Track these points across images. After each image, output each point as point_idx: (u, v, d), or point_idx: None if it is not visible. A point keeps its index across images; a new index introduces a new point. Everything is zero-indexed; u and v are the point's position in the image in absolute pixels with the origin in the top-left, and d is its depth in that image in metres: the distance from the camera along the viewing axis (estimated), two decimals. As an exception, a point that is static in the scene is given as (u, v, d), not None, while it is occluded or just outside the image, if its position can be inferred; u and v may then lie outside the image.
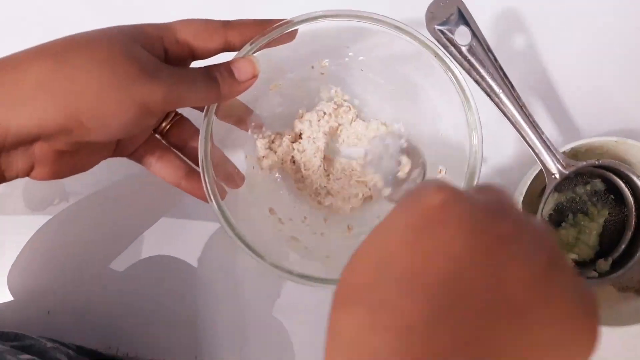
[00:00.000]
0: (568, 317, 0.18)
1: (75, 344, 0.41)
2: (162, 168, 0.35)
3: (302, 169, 0.40)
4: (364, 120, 0.42)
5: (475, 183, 0.34)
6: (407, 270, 0.18)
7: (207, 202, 0.32)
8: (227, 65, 0.32)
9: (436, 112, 0.39)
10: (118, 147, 0.34)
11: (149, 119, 0.29)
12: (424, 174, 0.40)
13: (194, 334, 0.42)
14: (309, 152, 0.40)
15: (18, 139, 0.26)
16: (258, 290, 0.43)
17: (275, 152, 0.40)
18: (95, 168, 0.33)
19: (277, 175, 0.41)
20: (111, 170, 0.43)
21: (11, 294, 0.43)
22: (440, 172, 0.38)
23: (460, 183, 0.35)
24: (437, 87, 0.37)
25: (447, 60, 0.34)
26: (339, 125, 0.42)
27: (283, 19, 0.33)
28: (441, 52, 0.34)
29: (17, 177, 0.29)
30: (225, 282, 0.43)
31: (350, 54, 0.39)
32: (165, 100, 0.28)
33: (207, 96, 0.31)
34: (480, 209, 0.19)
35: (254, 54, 0.33)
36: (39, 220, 0.43)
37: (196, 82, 0.30)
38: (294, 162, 0.40)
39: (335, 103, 0.41)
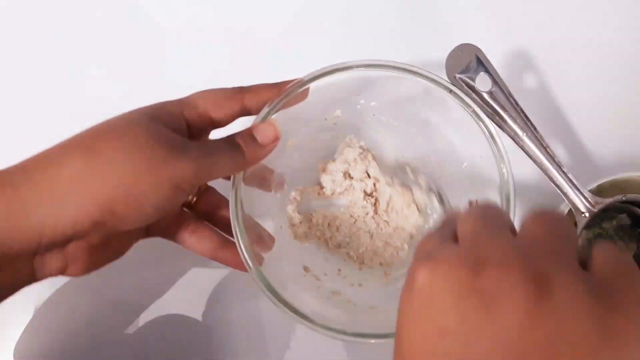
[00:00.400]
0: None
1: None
2: (196, 242, 0.34)
3: (342, 234, 0.40)
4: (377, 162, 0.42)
5: (512, 206, 0.34)
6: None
7: (246, 270, 0.31)
8: (248, 132, 0.32)
9: (454, 147, 0.39)
10: (149, 228, 0.33)
11: (181, 196, 0.29)
12: None
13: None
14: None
15: (53, 241, 0.25)
16: (284, 341, 0.42)
17: (310, 220, 0.40)
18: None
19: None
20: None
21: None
22: (472, 204, 0.38)
23: None
24: (452, 124, 0.38)
25: (462, 95, 0.35)
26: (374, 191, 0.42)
27: (294, 79, 0.34)
28: (455, 88, 0.35)
29: (49, 276, 0.28)
30: (249, 335, 0.42)
31: (361, 101, 0.40)
32: (196, 176, 0.28)
33: (234, 165, 0.31)
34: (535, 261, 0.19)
35: (273, 117, 0.33)
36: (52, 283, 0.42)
37: (222, 153, 0.30)
38: (328, 224, 0.40)
39: (361, 148, 0.41)
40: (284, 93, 0.33)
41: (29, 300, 0.42)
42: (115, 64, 0.48)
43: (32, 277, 0.28)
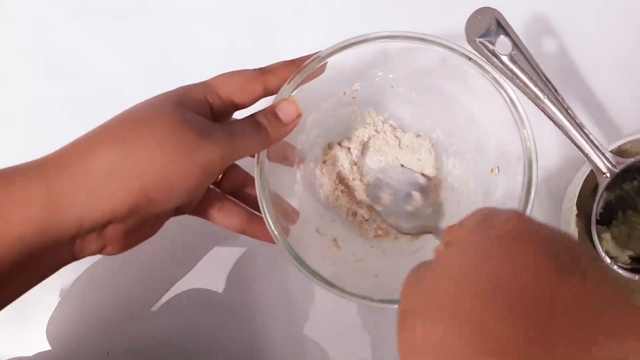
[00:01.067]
0: (621, 312, 0.19)
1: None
2: (224, 218, 0.35)
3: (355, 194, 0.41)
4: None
5: (535, 170, 0.34)
6: (489, 287, 0.19)
7: (273, 243, 0.32)
8: (271, 110, 0.32)
9: (474, 116, 0.39)
10: (179, 207, 0.34)
11: (210, 178, 0.29)
12: (441, 212, 0.40)
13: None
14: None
15: (92, 226, 0.26)
16: (318, 311, 0.43)
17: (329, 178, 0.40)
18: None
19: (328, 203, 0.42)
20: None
21: (70, 336, 0.43)
22: (492, 171, 0.38)
23: (517, 177, 0.35)
24: (471, 92, 0.38)
25: (481, 62, 0.34)
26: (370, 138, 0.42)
27: (312, 54, 0.34)
28: (473, 55, 0.34)
29: (88, 255, 0.29)
30: (280, 303, 0.43)
31: (380, 73, 0.40)
32: (224, 158, 0.29)
33: (259, 143, 0.32)
34: (551, 235, 0.21)
35: (293, 94, 0.33)
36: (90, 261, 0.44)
37: (247, 134, 0.30)
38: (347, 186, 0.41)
39: (374, 128, 0.42)
40: (302, 69, 0.33)
41: (61, 278, 0.43)
42: (132, 48, 0.48)
43: (72, 258, 0.29)
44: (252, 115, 0.32)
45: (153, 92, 0.29)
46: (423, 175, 0.42)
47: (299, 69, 0.33)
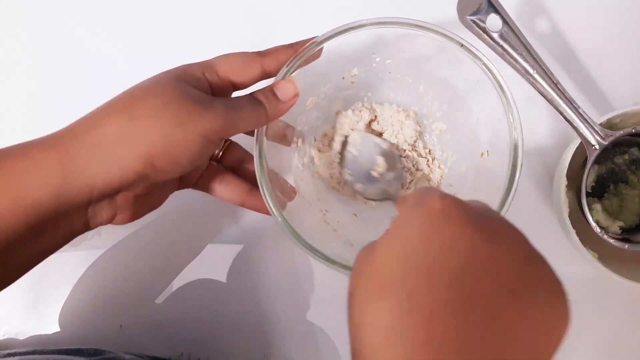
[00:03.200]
0: (545, 300, 0.22)
1: (148, 355, 0.43)
2: (225, 191, 0.37)
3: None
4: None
5: (520, 154, 0.35)
6: (425, 264, 0.22)
7: (270, 215, 0.34)
8: (270, 88, 0.34)
9: (466, 101, 0.41)
10: (183, 180, 0.37)
11: (211, 148, 0.31)
12: (401, 180, 0.42)
13: (261, 334, 0.44)
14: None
15: (103, 192, 0.28)
16: (322, 288, 0.45)
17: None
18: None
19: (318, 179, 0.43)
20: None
21: (84, 312, 0.45)
22: (482, 155, 0.39)
23: (505, 160, 0.36)
24: (464, 78, 0.39)
25: (472, 48, 0.36)
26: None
27: (309, 39, 0.35)
28: (466, 42, 0.36)
29: (100, 225, 0.31)
30: (288, 281, 0.45)
31: (377, 59, 0.41)
32: (223, 129, 0.30)
33: (257, 119, 0.33)
34: (476, 212, 0.24)
35: (292, 75, 0.35)
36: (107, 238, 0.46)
37: (246, 108, 0.32)
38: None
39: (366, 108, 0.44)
40: (299, 54, 0.35)
41: (75, 261, 0.45)
42: (134, 42, 0.50)
43: (85, 227, 0.31)
44: (252, 93, 0.34)
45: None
46: (386, 141, 0.43)
47: (296, 52, 0.35)
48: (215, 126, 0.30)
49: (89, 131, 0.28)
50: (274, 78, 0.35)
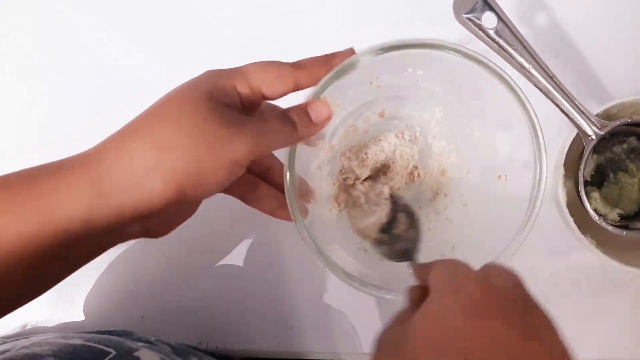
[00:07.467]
0: None
1: (169, 342, 0.46)
2: (256, 200, 0.37)
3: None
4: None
5: (543, 182, 0.35)
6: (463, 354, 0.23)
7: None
8: (303, 108, 0.33)
9: (490, 123, 0.41)
10: None
11: (239, 171, 0.30)
12: (420, 240, 0.40)
13: (276, 322, 0.47)
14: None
15: (132, 219, 0.28)
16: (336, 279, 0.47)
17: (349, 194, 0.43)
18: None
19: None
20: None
21: (107, 302, 0.48)
22: (499, 177, 0.40)
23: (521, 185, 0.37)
24: (495, 101, 0.38)
25: (499, 71, 0.36)
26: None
27: (345, 50, 0.35)
28: (492, 64, 0.36)
29: (131, 239, 0.32)
30: (302, 270, 0.47)
31: (409, 69, 0.41)
32: (252, 153, 0.29)
33: (287, 140, 0.33)
34: (512, 300, 0.25)
35: (326, 95, 0.34)
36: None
37: (277, 130, 0.31)
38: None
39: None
40: (335, 70, 0.34)
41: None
42: (149, 41, 0.51)
43: (114, 243, 0.32)
44: (284, 111, 0.33)
45: (173, 81, 0.31)
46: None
47: (331, 67, 0.34)
48: (246, 152, 0.29)
49: (116, 160, 0.28)
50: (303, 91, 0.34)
